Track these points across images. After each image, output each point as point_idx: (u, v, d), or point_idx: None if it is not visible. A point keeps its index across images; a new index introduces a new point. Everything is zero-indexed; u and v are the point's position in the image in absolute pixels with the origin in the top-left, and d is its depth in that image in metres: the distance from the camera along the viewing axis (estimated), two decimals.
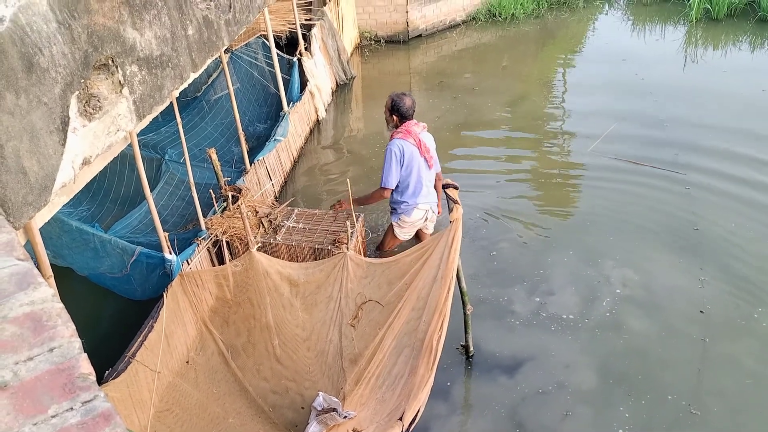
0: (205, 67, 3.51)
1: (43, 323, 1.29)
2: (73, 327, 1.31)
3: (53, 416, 1.13)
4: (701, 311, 5.14)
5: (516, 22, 13.18)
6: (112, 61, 2.36)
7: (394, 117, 5.07)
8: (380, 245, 5.80)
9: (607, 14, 13.98)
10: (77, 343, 1.27)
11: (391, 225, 5.52)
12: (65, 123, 2.12)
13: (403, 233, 5.54)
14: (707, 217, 6.32)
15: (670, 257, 5.81)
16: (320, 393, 4.26)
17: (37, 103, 1.97)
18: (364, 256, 5.18)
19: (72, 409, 1.14)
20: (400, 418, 3.39)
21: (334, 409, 4.04)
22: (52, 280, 2.62)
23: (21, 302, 1.32)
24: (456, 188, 4.22)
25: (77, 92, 2.18)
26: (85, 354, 1.26)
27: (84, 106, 2.22)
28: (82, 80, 2.21)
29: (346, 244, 4.96)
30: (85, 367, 1.23)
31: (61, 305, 1.35)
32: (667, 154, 7.56)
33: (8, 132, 1.85)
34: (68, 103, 2.13)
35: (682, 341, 4.89)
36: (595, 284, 5.52)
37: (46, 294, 1.35)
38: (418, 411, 3.48)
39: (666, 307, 5.23)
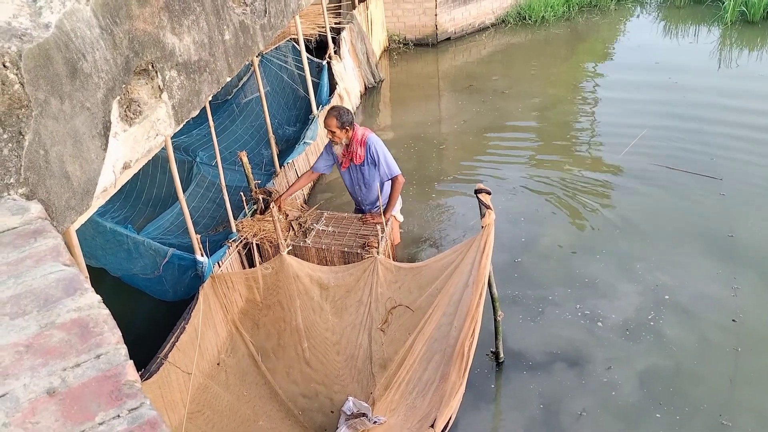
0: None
1: (90, 329, 1.29)
2: (119, 333, 1.31)
3: (100, 423, 1.12)
4: (734, 320, 5.04)
5: (546, 24, 13.06)
6: (152, 66, 2.38)
7: (347, 129, 5.07)
8: (394, 242, 5.86)
9: (638, 17, 13.78)
10: (123, 350, 1.27)
11: (393, 218, 5.56)
12: (107, 128, 2.14)
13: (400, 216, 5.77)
14: (742, 224, 6.19)
15: (703, 264, 5.70)
16: (350, 397, 4.26)
17: (80, 108, 2.00)
18: (394, 261, 5.17)
19: (119, 416, 1.14)
20: (432, 426, 3.36)
21: (363, 414, 4.03)
22: (87, 282, 2.64)
23: (68, 308, 1.33)
24: (488, 193, 4.18)
25: (118, 97, 2.20)
26: (131, 361, 1.25)
27: (125, 111, 2.24)
28: (123, 85, 2.23)
29: (376, 248, 4.94)
30: (131, 374, 1.23)
31: (107, 311, 1.35)
32: (702, 159, 7.42)
33: (53, 137, 1.87)
34: (110, 108, 2.15)
35: (714, 350, 4.81)
36: (627, 289, 5.44)
37: (92, 300, 1.36)
38: (450, 418, 3.45)
39: (698, 314, 5.14)
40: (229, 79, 3.26)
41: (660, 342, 4.89)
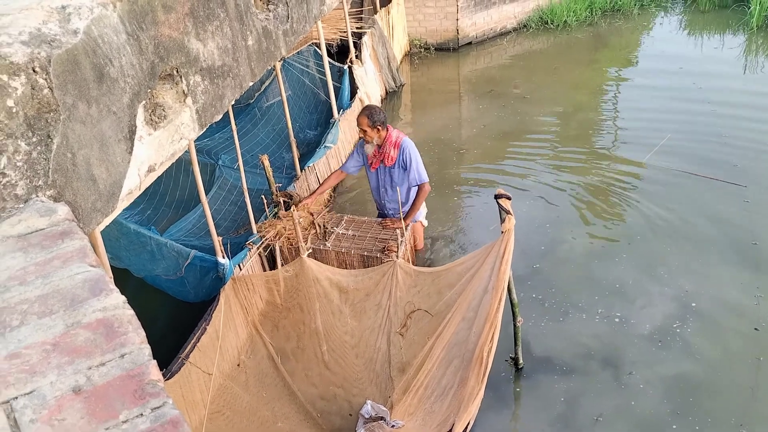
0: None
1: (115, 329, 1.32)
2: (143, 334, 1.34)
3: (124, 422, 1.14)
4: (756, 329, 4.97)
5: (568, 29, 12.98)
6: (177, 71, 2.42)
7: (378, 128, 5.07)
8: (417, 246, 5.90)
9: (662, 22, 13.64)
10: (147, 349, 1.30)
11: (418, 223, 5.69)
12: (132, 132, 2.18)
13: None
14: (767, 232, 6.09)
15: (726, 271, 5.63)
16: (368, 401, 4.27)
17: (107, 113, 2.04)
18: (413, 265, 5.18)
19: (142, 415, 1.16)
20: (450, 430, 3.36)
21: (382, 418, 4.04)
22: (112, 283, 2.69)
23: (94, 308, 1.36)
24: (508, 198, 4.17)
25: (144, 102, 2.24)
26: (155, 361, 1.28)
27: (150, 116, 2.28)
28: (149, 90, 2.27)
29: (396, 252, 4.96)
30: (155, 373, 1.25)
31: (132, 312, 1.38)
32: (726, 165, 7.32)
33: (80, 140, 1.91)
34: (135, 112, 2.19)
35: (735, 359, 4.74)
36: (649, 296, 5.39)
37: (117, 300, 1.38)
38: (468, 424, 3.45)
39: (720, 322, 5.08)
40: (251, 84, 3.31)
41: (681, 350, 4.83)
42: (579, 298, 5.44)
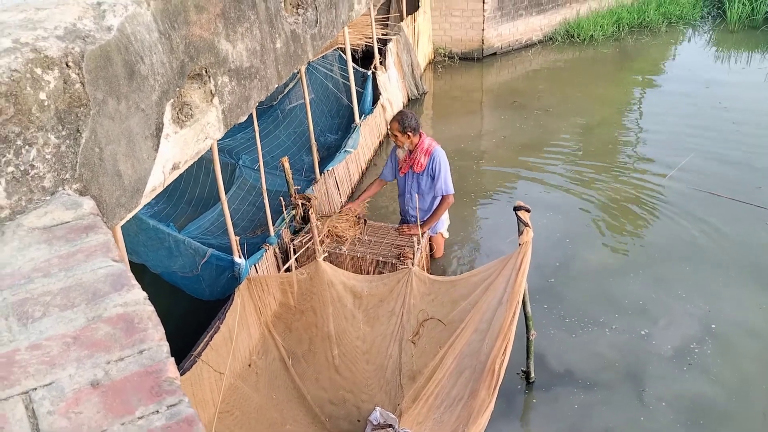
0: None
1: (135, 325, 1.33)
2: (163, 331, 1.34)
3: (140, 418, 1.15)
4: None
5: (594, 43, 12.92)
6: (206, 71, 2.45)
7: (409, 134, 5.12)
8: (436, 255, 5.94)
9: (690, 40, 13.53)
10: (165, 347, 1.30)
11: (439, 234, 5.80)
12: (159, 129, 2.20)
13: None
14: None
15: (745, 294, 5.56)
16: (377, 408, 4.26)
17: (135, 109, 2.06)
18: (428, 272, 5.17)
19: (158, 412, 1.17)
20: None
21: (390, 426, 4.03)
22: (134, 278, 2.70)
23: (115, 303, 1.37)
24: (528, 210, 4.15)
25: (172, 100, 2.26)
26: (173, 358, 1.28)
27: (177, 114, 2.30)
28: (177, 89, 2.29)
29: (411, 259, 4.95)
30: (172, 371, 1.26)
31: (152, 308, 1.39)
32: (749, 188, 7.23)
33: (108, 136, 1.93)
34: (163, 110, 2.21)
35: (749, 383, 4.67)
36: (666, 314, 5.34)
37: (138, 296, 1.39)
38: None
39: (735, 346, 5.02)
40: (276, 86, 3.33)
41: (696, 371, 4.78)
42: (594, 313, 5.40)
